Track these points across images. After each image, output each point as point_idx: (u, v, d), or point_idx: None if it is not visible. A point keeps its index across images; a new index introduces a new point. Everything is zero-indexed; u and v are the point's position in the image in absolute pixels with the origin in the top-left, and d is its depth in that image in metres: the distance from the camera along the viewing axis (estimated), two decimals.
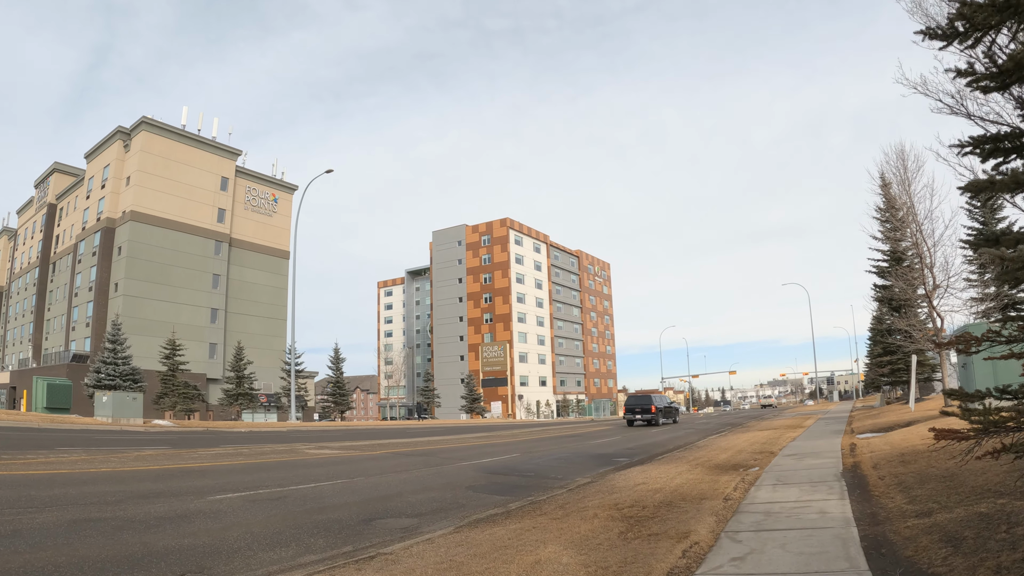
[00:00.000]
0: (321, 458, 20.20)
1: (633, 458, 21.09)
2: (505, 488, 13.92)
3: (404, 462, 19.36)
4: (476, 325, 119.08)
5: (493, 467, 18.34)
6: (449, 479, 15.22)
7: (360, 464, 18.75)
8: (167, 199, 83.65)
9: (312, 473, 15.72)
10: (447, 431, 44.42)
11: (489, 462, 19.95)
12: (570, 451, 24.90)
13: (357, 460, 20.02)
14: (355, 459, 20.36)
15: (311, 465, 17.95)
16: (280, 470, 16.40)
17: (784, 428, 30.92)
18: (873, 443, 17.10)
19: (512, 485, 14.51)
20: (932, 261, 25.85)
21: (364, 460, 20.09)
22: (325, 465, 18.09)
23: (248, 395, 63.48)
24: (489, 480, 15.37)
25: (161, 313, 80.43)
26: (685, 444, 25.80)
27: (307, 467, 17.36)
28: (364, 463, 19.06)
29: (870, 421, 28.09)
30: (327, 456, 21.07)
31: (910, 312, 33.12)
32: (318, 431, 41.22)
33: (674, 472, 14.85)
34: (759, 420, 47.36)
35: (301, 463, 18.45)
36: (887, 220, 33.48)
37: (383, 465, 18.51)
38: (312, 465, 17.95)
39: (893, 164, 26.44)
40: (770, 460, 16.18)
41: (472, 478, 15.61)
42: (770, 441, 22.67)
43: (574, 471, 17.42)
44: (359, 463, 19.01)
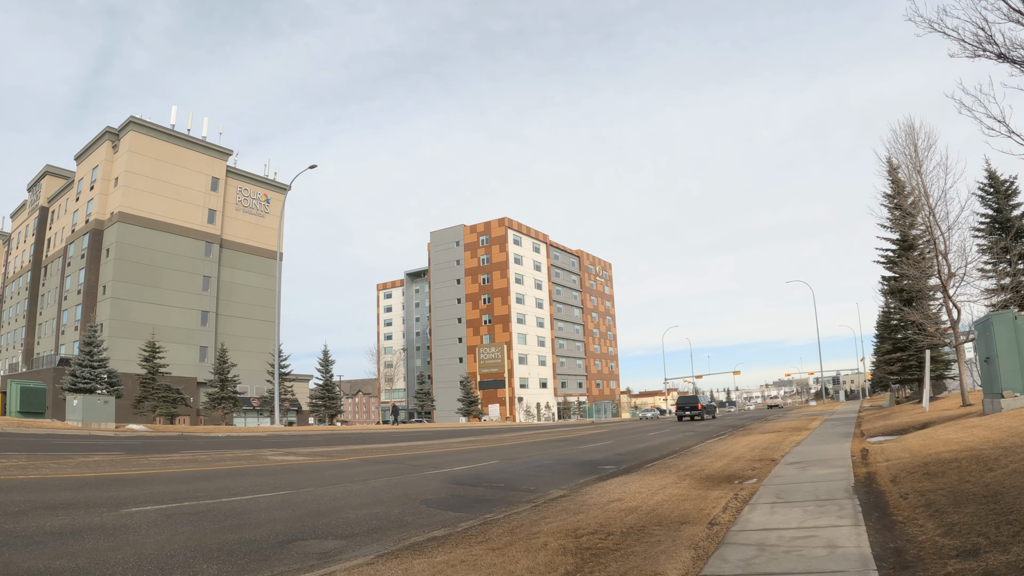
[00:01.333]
0: (281, 465, 18.93)
1: (620, 466, 19.33)
2: (464, 503, 12.27)
3: (370, 470, 18.09)
4: (475, 327, 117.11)
5: (463, 476, 16.73)
6: (407, 491, 13.74)
7: (319, 472, 17.31)
8: (156, 200, 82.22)
9: (259, 483, 14.54)
10: (436, 435, 42.75)
11: (462, 470, 18.39)
12: (555, 457, 23.28)
13: (319, 468, 18.63)
14: (318, 467, 18.99)
15: (264, 473, 16.71)
16: (226, 479, 15.16)
17: (788, 431, 28.81)
18: (888, 449, 15.02)
19: (474, 499, 12.85)
20: (947, 247, 23.73)
21: (327, 468, 18.72)
22: (280, 474, 16.77)
23: (232, 398, 61.59)
24: (451, 492, 13.72)
25: (150, 316, 78.93)
26: (680, 449, 23.92)
27: (258, 476, 16.14)
28: (325, 471, 17.68)
29: (881, 423, 25.91)
30: (289, 463, 19.70)
31: (922, 304, 30.99)
32: (298, 436, 39.38)
33: (658, 485, 12.87)
34: (763, 422, 45.27)
35: (254, 471, 17.20)
36: (896, 206, 31.30)
37: (344, 473, 17.10)
38: (265, 473, 16.71)
39: (902, 142, 24.28)
40: (770, 469, 14.13)
41: (433, 490, 13.98)
42: (772, 446, 20.59)
43: (550, 481, 15.76)
44: (319, 471, 17.62)
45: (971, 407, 22.88)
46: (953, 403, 27.62)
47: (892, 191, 31.60)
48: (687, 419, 57.24)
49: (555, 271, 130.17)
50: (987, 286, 32.60)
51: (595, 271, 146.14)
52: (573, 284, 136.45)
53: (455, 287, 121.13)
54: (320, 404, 68.38)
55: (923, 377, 27.97)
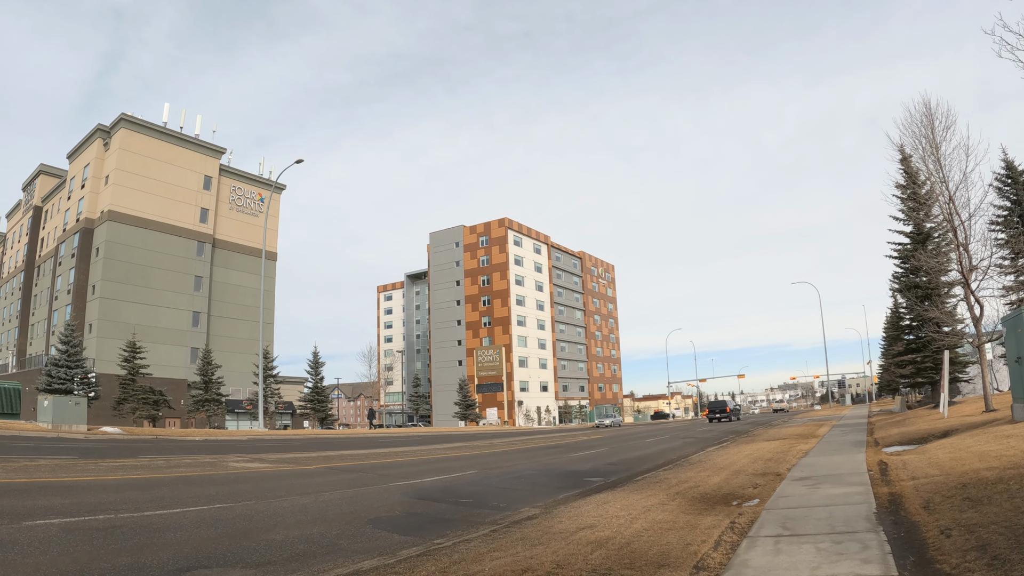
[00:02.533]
0: (237, 474, 17.55)
1: (608, 477, 17.50)
2: (418, 523, 10.71)
3: (331, 480, 16.71)
4: (474, 329, 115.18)
5: (429, 489, 15.08)
6: (359, 506, 12.25)
7: (273, 483, 15.88)
8: (147, 198, 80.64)
9: (199, 494, 13.25)
10: (423, 440, 41.00)
11: (432, 481, 16.76)
12: (540, 467, 21.42)
13: (277, 477, 17.25)
14: (276, 475, 17.60)
15: (213, 483, 15.34)
16: (166, 488, 13.85)
17: (794, 438, 26.78)
18: (910, 462, 13.01)
19: (432, 517, 11.27)
20: (967, 237, 21.64)
21: (285, 477, 17.30)
22: (229, 483, 15.38)
23: (217, 401, 59.63)
24: (408, 509, 12.03)
25: (140, 316, 77.30)
26: (677, 459, 21.98)
27: (204, 485, 14.81)
28: (280, 481, 16.32)
29: (896, 430, 23.79)
30: (248, 471, 18.29)
31: (939, 301, 28.95)
32: (279, 440, 37.69)
33: (642, 506, 10.98)
34: (767, 427, 43.19)
35: (204, 480, 15.86)
36: (911, 196, 29.26)
37: (300, 484, 15.65)
38: (214, 483, 15.35)
39: (918, 122, 22.18)
40: (775, 487, 12.15)
41: (389, 505, 12.41)
42: (777, 456, 18.57)
43: (525, 497, 14.00)
44: (273, 481, 16.24)
45: (996, 413, 20.90)
46: (973, 408, 25.58)
47: (905, 181, 29.62)
48: (716, 420, 68.71)
49: (556, 273, 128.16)
50: (1006, 283, 30.53)
51: (597, 273, 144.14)
52: (575, 286, 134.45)
53: (454, 289, 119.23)
54: (310, 407, 66.46)
55: (941, 380, 25.67)
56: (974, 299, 22.07)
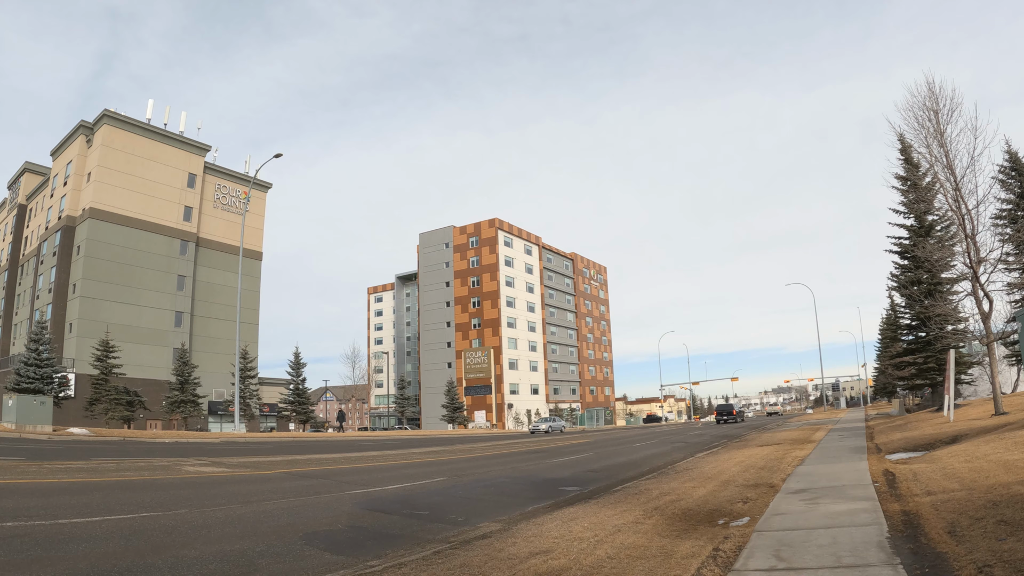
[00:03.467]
0: (185, 479, 16.62)
1: (586, 487, 16.06)
2: (359, 539, 9.55)
3: (282, 487, 15.57)
4: (464, 331, 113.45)
5: (386, 499, 13.88)
6: (301, 518, 11.17)
7: (218, 489, 14.87)
8: (129, 196, 78.78)
9: (134, 500, 12.37)
10: (402, 444, 39.70)
11: (393, 490, 15.50)
12: (515, 474, 20.00)
13: (227, 483, 16.29)
14: (227, 481, 16.65)
15: (155, 488, 14.39)
16: (100, 493, 12.98)
17: (789, 443, 25.21)
18: (922, 472, 11.44)
19: (376, 533, 10.11)
20: (975, 227, 20.07)
21: (236, 483, 16.35)
22: (171, 489, 14.40)
23: (193, 402, 57.88)
24: (353, 522, 10.88)
25: (121, 316, 75.45)
26: (663, 466, 20.50)
27: (145, 491, 13.83)
28: (227, 487, 15.37)
29: (898, 435, 22.18)
30: (199, 476, 17.31)
31: (943, 297, 27.40)
32: (250, 443, 36.51)
33: (612, 525, 9.48)
34: (761, 431, 41.65)
35: (147, 485, 14.90)
36: (911, 187, 27.71)
37: (247, 491, 14.65)
38: (156, 488, 14.39)
39: (921, 104, 20.57)
40: (767, 501, 10.59)
41: (333, 518, 11.24)
42: (770, 465, 16.99)
43: (488, 509, 12.67)
44: (220, 487, 15.26)
45: (1007, 416, 19.38)
46: (981, 411, 24.00)
47: (906, 171, 28.11)
48: (724, 422, 74.90)
49: (548, 274, 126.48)
50: (1010, 280, 29.02)
51: (590, 274, 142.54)
52: (567, 288, 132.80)
53: (444, 290, 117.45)
54: (291, 409, 64.75)
55: (945, 382, 23.86)
56: (983, 293, 20.47)
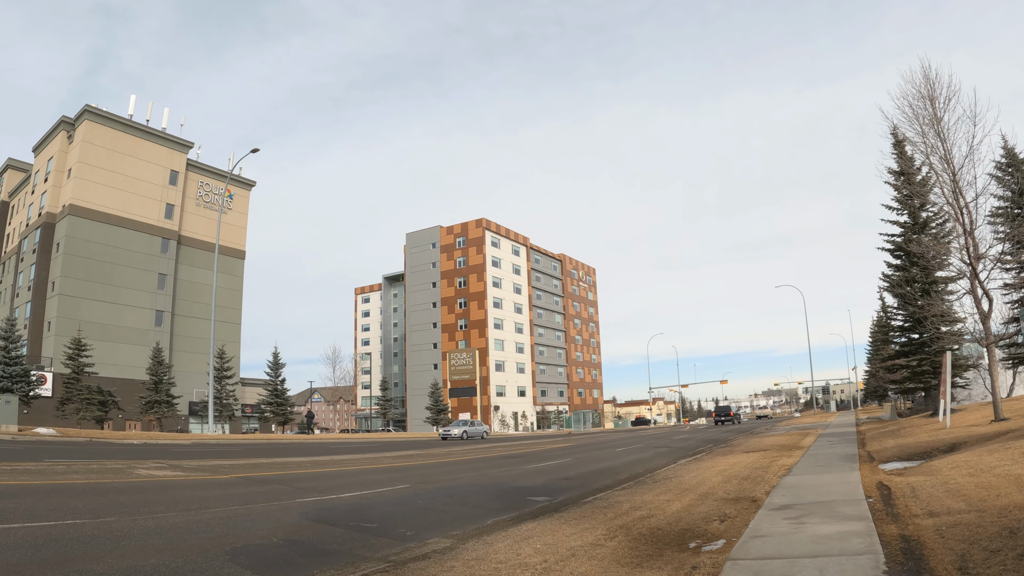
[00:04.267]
0: (132, 483, 15.72)
1: (555, 497, 14.94)
2: (287, 557, 8.68)
3: (232, 493, 14.85)
4: (450, 332, 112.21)
5: (339, 508, 13.00)
6: (237, 529, 10.32)
7: (164, 494, 14.00)
8: (110, 193, 77.59)
9: (66, 505, 11.64)
10: (379, 447, 38.57)
11: (349, 498, 14.58)
12: (484, 481, 18.90)
13: (175, 487, 15.34)
14: (176, 486, 15.73)
15: (96, 493, 13.53)
16: (31, 497, 12.42)
17: (776, 449, 24.02)
18: (921, 487, 10.25)
19: (311, 549, 9.23)
20: (974, 222, 18.91)
21: (185, 488, 15.41)
22: (114, 494, 13.56)
23: (168, 403, 56.48)
24: (291, 535, 10.03)
25: (100, 314, 74.41)
26: (643, 474, 19.35)
27: (80, 495, 12.96)
28: (175, 492, 14.46)
29: (891, 441, 20.96)
30: (148, 480, 16.41)
31: (937, 297, 26.26)
32: (220, 445, 35.46)
33: (567, 548, 8.33)
34: (748, 436, 40.51)
35: (84, 489, 14.01)
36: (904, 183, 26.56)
37: (191, 497, 13.73)
38: (97, 493, 13.53)
39: (917, 90, 19.40)
40: (748, 519, 9.40)
41: (272, 529, 10.42)
42: (754, 474, 15.79)
43: (444, 522, 11.71)
44: (167, 492, 14.40)
45: (1008, 422, 18.23)
46: (978, 416, 22.85)
47: (900, 166, 27.00)
48: (721, 423, 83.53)
49: (535, 275, 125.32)
50: (1007, 280, 27.94)
51: (578, 276, 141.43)
52: (555, 289, 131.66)
53: (430, 290, 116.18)
54: (270, 411, 63.41)
55: (941, 385, 22.56)
56: (983, 291, 19.30)
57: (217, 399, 59.95)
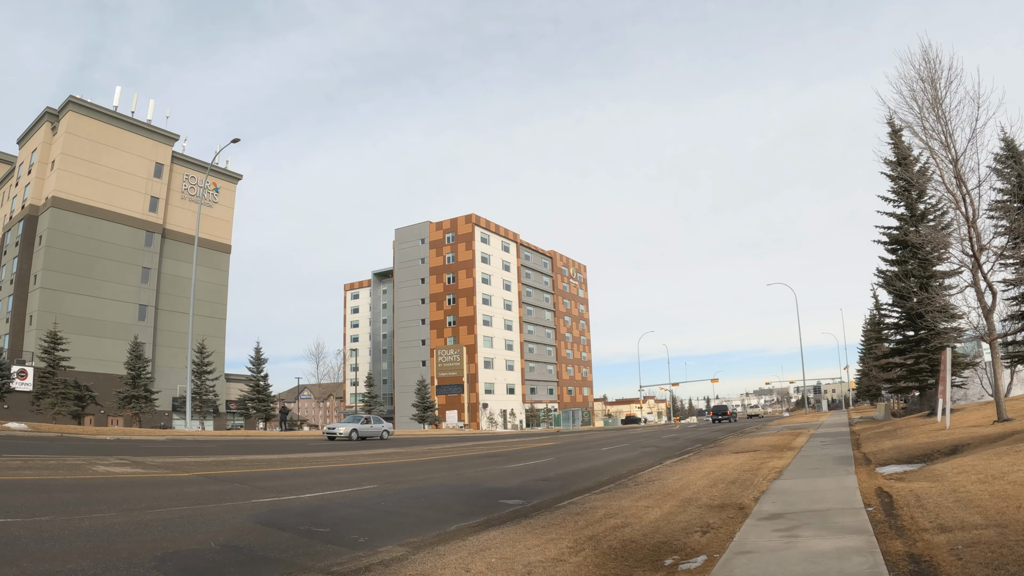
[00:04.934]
0: (85, 480, 15.16)
1: (529, 500, 14.01)
2: (219, 566, 7.94)
3: (186, 492, 14.09)
4: (439, 328, 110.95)
5: (294, 510, 12.20)
6: (176, 532, 9.62)
7: (115, 492, 13.32)
8: (93, 185, 76.23)
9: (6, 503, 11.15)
10: (352, 445, 37.25)
11: (308, 499, 13.70)
12: (458, 482, 17.97)
13: (129, 486, 14.72)
14: (131, 484, 15.13)
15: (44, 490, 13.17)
16: None
17: (767, 450, 23.00)
18: (927, 495, 9.21)
19: (249, 557, 8.45)
20: (976, 212, 17.87)
21: (139, 486, 14.77)
22: (61, 491, 13.01)
23: (146, 398, 55.22)
24: (233, 540, 9.32)
25: (83, 308, 73.14)
26: (626, 475, 18.41)
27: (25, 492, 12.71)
28: (127, 491, 13.80)
29: (888, 442, 19.92)
30: (105, 477, 15.83)
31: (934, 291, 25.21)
32: (194, 442, 34.11)
33: (525, 563, 7.42)
34: (738, 435, 39.54)
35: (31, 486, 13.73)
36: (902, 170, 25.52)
37: (140, 496, 13.07)
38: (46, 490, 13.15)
39: (916, 71, 18.33)
40: (733, 531, 8.36)
41: (215, 533, 9.66)
42: (743, 477, 14.74)
43: (403, 527, 10.80)
44: (119, 491, 13.68)
45: (1012, 423, 17.19)
46: (978, 416, 21.83)
47: (896, 156, 25.99)
48: (719, 421, 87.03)
49: (526, 272, 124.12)
50: (1006, 276, 26.93)
51: (569, 273, 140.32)
52: (545, 286, 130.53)
53: (419, 287, 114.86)
54: (251, 407, 62.20)
55: (940, 384, 21.31)
56: (986, 284, 18.26)
57: (197, 394, 58.80)
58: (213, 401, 64.04)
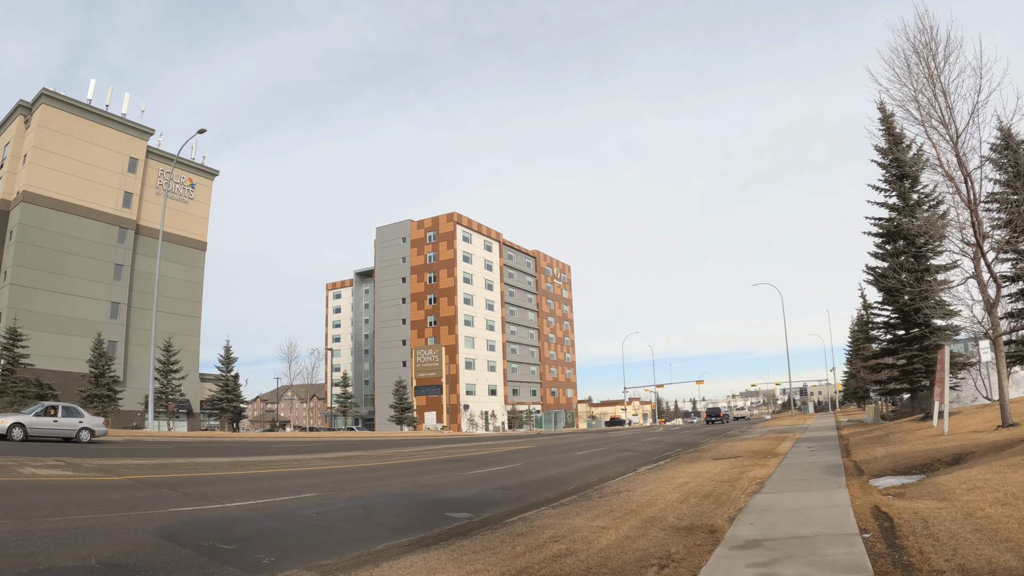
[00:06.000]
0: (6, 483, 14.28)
1: (478, 514, 12.47)
2: None
3: (102, 498, 12.84)
4: (420, 328, 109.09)
5: (208, 521, 11.03)
6: (61, 545, 8.49)
7: (22, 497, 12.53)
8: (66, 179, 74.04)
9: None
10: (319, 447, 36.06)
11: (235, 508, 12.59)
12: (408, 491, 16.47)
13: (44, 489, 13.83)
14: (48, 487, 14.21)
15: None
16: None
17: (749, 456, 21.38)
18: (934, 518, 7.59)
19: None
20: (977, 195, 16.29)
21: (55, 490, 13.73)
22: None
23: (110, 397, 53.30)
24: (118, 558, 8.09)
25: (53, 305, 70.97)
26: (594, 484, 16.94)
27: None
28: (37, 495, 12.98)
29: (881, 449, 18.27)
30: (28, 480, 15.12)
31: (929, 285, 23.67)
32: (157, 443, 33.30)
33: None
34: (721, 439, 38.00)
35: None
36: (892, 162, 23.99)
37: (50, 501, 12.11)
38: None
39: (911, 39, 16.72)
40: (698, 565, 6.73)
41: (103, 547, 8.54)
42: (719, 489, 13.08)
43: (321, 546, 9.53)
44: (26, 495, 12.84)
45: (1019, 428, 15.64)
46: (978, 420, 20.20)
47: (887, 144, 24.51)
48: (712, 423, 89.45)
49: (508, 271, 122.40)
50: (1003, 272, 25.44)
51: (553, 273, 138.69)
52: (528, 286, 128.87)
53: (400, 286, 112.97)
54: (221, 407, 60.33)
55: (938, 385, 19.36)
56: (989, 275, 16.66)
57: (163, 394, 56.91)
58: (186, 401, 62.32)
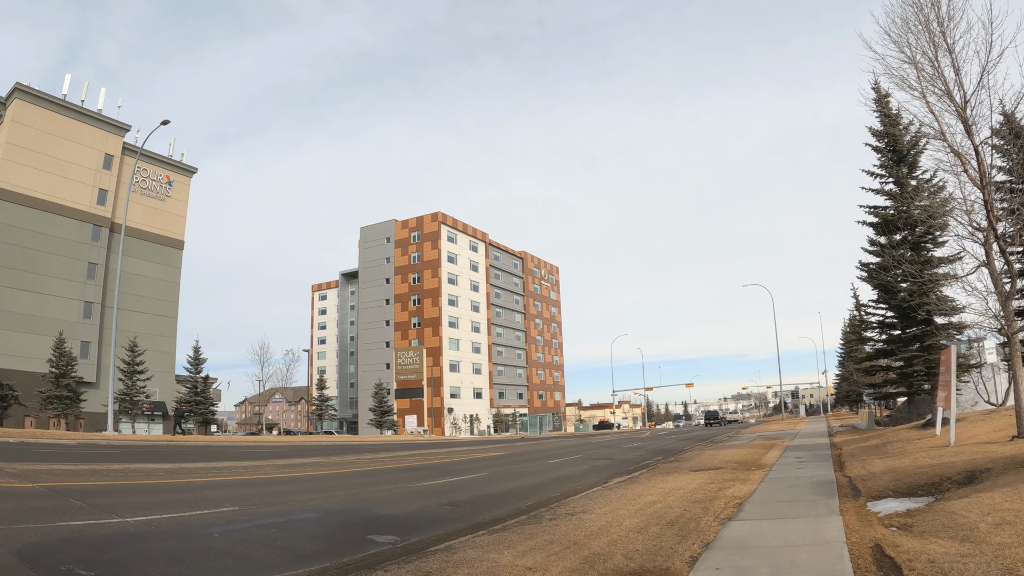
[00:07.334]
0: None
1: (406, 537, 10.67)
2: None
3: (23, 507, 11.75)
4: (403, 330, 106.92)
5: (80, 541, 9.50)
6: None
7: None
8: (38, 176, 72.00)
9: None
10: (280, 453, 33.79)
11: (130, 523, 10.98)
12: (341, 505, 14.60)
13: None
14: None
15: None
16: None
17: (731, 468, 19.38)
18: (955, 569, 5.62)
19: None
20: (988, 172, 14.36)
21: None
22: None
23: (71, 398, 51.18)
24: None
25: (23, 304, 68.87)
26: (553, 500, 15.12)
27: None
28: None
29: (879, 462, 16.17)
30: None
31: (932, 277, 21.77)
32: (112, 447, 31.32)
33: None
34: (705, 445, 36.06)
35: None
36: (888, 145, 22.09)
37: None
38: None
39: None
40: None
41: None
42: (688, 512, 11.08)
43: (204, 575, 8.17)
44: None
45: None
46: (986, 429, 18.17)
47: (883, 125, 22.67)
48: (710, 425, 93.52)
49: (494, 272, 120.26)
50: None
51: (540, 275, 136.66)
52: (515, 287, 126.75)
53: (384, 287, 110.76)
54: (188, 409, 58.25)
55: (945, 388, 17.01)
56: (1004, 262, 14.70)
57: (127, 395, 54.81)
58: (161, 403, 60.34)
